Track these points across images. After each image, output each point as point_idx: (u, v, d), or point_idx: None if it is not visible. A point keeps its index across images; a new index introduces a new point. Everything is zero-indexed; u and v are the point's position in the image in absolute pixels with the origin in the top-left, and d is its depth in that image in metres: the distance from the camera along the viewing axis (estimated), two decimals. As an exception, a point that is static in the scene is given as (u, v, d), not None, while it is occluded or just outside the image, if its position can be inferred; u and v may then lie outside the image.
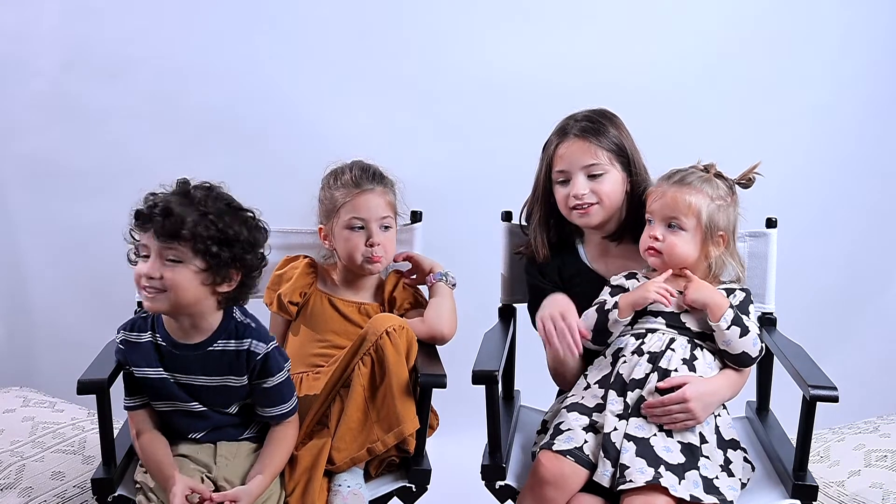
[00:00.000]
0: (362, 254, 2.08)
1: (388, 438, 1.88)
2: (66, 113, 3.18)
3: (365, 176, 2.10)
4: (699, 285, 1.90)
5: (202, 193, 1.79)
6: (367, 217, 2.08)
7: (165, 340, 1.84)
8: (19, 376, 3.06)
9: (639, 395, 1.85)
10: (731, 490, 1.80)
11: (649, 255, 1.95)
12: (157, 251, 1.74)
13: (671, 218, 1.92)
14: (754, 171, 1.99)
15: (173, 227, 1.72)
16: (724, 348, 1.89)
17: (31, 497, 2.17)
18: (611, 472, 1.80)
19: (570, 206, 2.03)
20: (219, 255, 1.75)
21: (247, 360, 1.83)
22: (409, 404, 1.89)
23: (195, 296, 1.77)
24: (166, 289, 1.74)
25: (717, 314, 1.87)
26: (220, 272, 1.77)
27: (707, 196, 1.92)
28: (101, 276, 3.19)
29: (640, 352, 1.89)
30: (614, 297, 1.95)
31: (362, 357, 1.88)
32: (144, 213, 1.75)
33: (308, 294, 2.15)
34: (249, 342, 1.83)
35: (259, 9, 3.17)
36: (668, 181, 1.95)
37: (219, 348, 1.83)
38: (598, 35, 3.20)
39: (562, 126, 2.07)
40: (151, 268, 1.74)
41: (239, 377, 1.84)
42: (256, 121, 3.17)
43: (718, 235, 1.94)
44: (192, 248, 1.73)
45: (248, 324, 1.86)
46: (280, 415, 1.88)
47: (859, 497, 2.20)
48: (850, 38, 3.24)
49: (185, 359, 1.83)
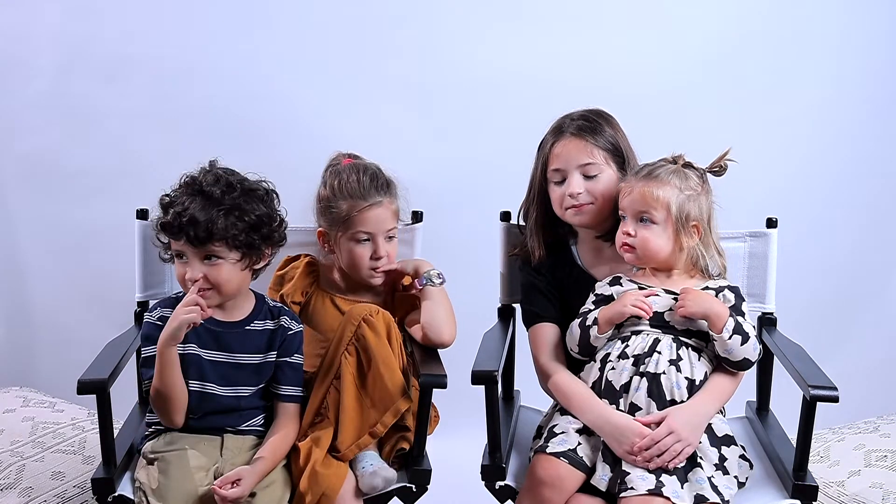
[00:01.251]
0: (368, 267, 2.07)
1: (386, 418, 1.89)
2: (66, 113, 3.18)
3: (374, 186, 2.05)
4: (697, 296, 1.87)
5: (217, 189, 1.85)
6: (375, 231, 2.05)
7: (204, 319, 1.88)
8: (19, 376, 3.06)
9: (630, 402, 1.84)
10: (726, 489, 1.79)
11: (624, 251, 1.94)
12: (194, 255, 1.85)
13: (641, 212, 1.90)
14: (726, 159, 1.96)
15: (205, 234, 1.82)
16: (724, 356, 1.86)
17: (31, 497, 2.17)
18: (609, 477, 1.80)
19: (564, 205, 2.02)
20: (251, 242, 1.87)
21: (280, 335, 1.95)
22: (399, 381, 1.90)
23: (239, 282, 1.90)
24: (214, 286, 1.86)
25: (718, 325, 1.84)
26: (256, 254, 1.90)
27: (675, 187, 1.90)
28: (101, 276, 3.19)
29: (624, 356, 1.88)
30: (594, 313, 1.94)
31: (346, 348, 1.90)
32: (171, 223, 1.83)
33: (310, 293, 2.15)
34: (284, 319, 1.97)
35: (259, 9, 3.17)
36: (636, 176, 1.94)
37: (258, 328, 1.95)
38: (597, 35, 3.20)
39: (558, 125, 2.07)
40: (194, 271, 1.85)
41: (276, 353, 1.95)
42: (256, 120, 3.17)
43: (692, 226, 1.91)
44: (227, 246, 1.84)
45: (280, 307, 2.00)
46: (294, 395, 1.95)
47: (859, 497, 2.20)
48: (850, 38, 3.24)
49: (226, 336, 1.92)
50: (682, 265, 1.95)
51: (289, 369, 1.95)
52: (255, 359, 1.93)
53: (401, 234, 2.22)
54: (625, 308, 1.88)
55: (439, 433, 2.11)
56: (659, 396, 1.83)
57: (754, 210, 2.15)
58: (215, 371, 1.90)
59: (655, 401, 1.83)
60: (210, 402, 1.90)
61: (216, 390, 1.90)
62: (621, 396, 1.86)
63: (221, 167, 1.93)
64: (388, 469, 1.91)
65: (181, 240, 1.83)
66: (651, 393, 1.83)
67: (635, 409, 1.84)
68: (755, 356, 1.88)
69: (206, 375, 1.90)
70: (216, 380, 1.90)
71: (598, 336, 1.92)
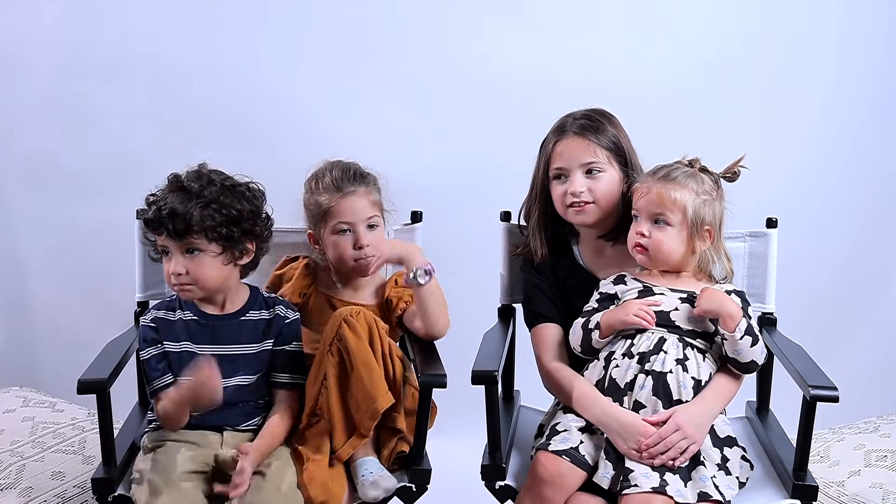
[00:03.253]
0: (352, 257, 2.07)
1: (367, 422, 1.89)
2: (66, 113, 3.18)
3: (346, 177, 2.08)
4: (712, 294, 1.87)
5: (197, 184, 1.90)
6: (353, 220, 2.06)
7: (198, 315, 1.97)
8: (19, 376, 3.06)
9: (634, 400, 1.85)
10: (728, 489, 1.80)
11: (637, 252, 1.94)
12: (176, 248, 1.89)
13: (657, 214, 1.91)
14: (739, 165, 1.97)
15: (183, 226, 1.86)
16: (732, 356, 1.87)
17: (31, 497, 2.17)
18: (611, 475, 1.80)
19: (566, 203, 2.02)
20: (231, 235, 1.90)
21: (276, 324, 1.99)
22: (378, 382, 1.88)
23: (222, 276, 1.93)
24: (195, 280, 1.89)
25: (731, 325, 1.84)
26: (237, 248, 1.93)
27: (692, 191, 1.90)
28: (101, 276, 3.19)
29: (630, 354, 1.88)
30: (596, 317, 1.94)
31: (330, 348, 1.90)
32: (152, 219, 1.89)
33: (308, 294, 2.15)
34: (279, 308, 2.01)
35: (259, 8, 3.17)
36: (653, 177, 1.94)
37: (253, 318, 1.99)
38: (597, 35, 3.20)
39: (560, 124, 2.07)
40: (176, 265, 1.89)
41: (272, 341, 1.99)
42: (256, 121, 3.17)
43: (705, 230, 1.92)
44: (206, 238, 1.87)
45: (275, 297, 2.05)
46: (293, 383, 1.98)
47: (859, 497, 2.20)
48: (850, 38, 3.24)
49: (221, 329, 1.96)
50: (691, 268, 1.96)
51: (286, 357, 1.98)
52: (251, 348, 1.97)
53: (400, 235, 2.23)
54: (627, 318, 1.88)
55: (439, 433, 2.11)
56: (665, 395, 1.83)
57: (754, 210, 2.15)
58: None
59: (661, 399, 1.83)
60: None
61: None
62: (625, 394, 1.86)
63: (209, 168, 1.97)
64: (388, 478, 1.91)
65: (162, 233, 1.88)
66: (657, 391, 1.84)
67: (639, 407, 1.84)
68: (762, 360, 1.88)
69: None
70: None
71: (600, 340, 1.93)
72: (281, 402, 1.98)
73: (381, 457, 1.96)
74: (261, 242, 1.99)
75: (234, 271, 1.96)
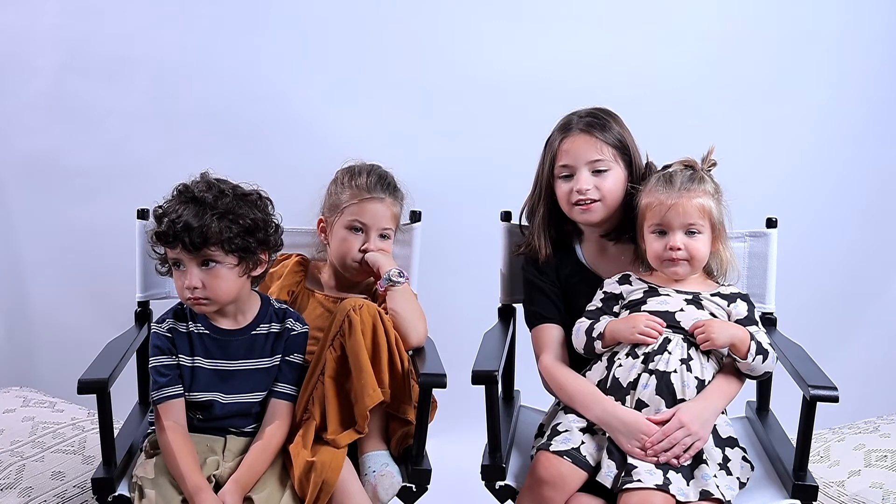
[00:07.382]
0: (353, 258, 2.08)
1: (360, 419, 1.88)
2: (66, 113, 3.18)
3: (381, 184, 2.10)
4: (718, 326, 1.87)
5: (210, 195, 1.84)
6: (369, 224, 2.08)
7: (209, 329, 1.92)
8: (19, 376, 3.06)
9: (637, 399, 1.85)
10: (728, 489, 1.80)
11: (674, 264, 1.93)
12: (191, 262, 1.84)
13: (689, 225, 1.91)
14: (711, 156, 1.98)
15: (200, 239, 1.80)
16: (746, 373, 1.90)
17: (31, 497, 2.17)
18: (615, 474, 1.80)
19: (572, 201, 2.02)
20: (247, 246, 1.86)
21: (285, 337, 1.96)
22: (368, 379, 1.86)
23: (237, 288, 1.89)
24: (211, 294, 1.85)
25: (742, 351, 1.86)
26: (252, 259, 1.89)
27: (709, 194, 1.93)
28: (101, 276, 3.19)
29: (634, 354, 1.89)
30: (601, 324, 1.94)
31: (332, 343, 1.90)
32: (166, 232, 1.83)
33: (296, 293, 2.15)
34: (289, 322, 1.97)
35: (259, 9, 3.17)
36: (664, 189, 1.93)
37: (263, 332, 1.95)
38: (597, 35, 3.20)
39: (565, 122, 2.07)
40: (192, 279, 1.84)
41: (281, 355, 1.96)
42: (256, 121, 3.17)
43: (719, 230, 1.96)
44: (222, 250, 1.83)
45: (286, 308, 2.01)
46: (286, 393, 1.94)
47: (859, 497, 2.20)
48: (850, 38, 3.24)
49: (233, 344, 1.92)
50: (705, 269, 1.99)
51: (286, 367, 1.96)
52: (262, 363, 1.94)
53: (400, 234, 2.23)
54: (633, 336, 1.88)
55: (440, 433, 2.11)
56: (669, 394, 1.84)
57: (754, 210, 2.15)
58: (223, 381, 1.91)
59: (664, 398, 1.84)
60: (219, 409, 1.91)
61: (225, 399, 1.91)
62: (628, 393, 1.86)
63: (214, 177, 1.92)
64: (392, 475, 1.90)
65: (177, 247, 1.82)
66: (660, 391, 1.84)
67: (642, 406, 1.85)
68: (774, 366, 1.92)
69: (215, 385, 1.91)
70: (225, 389, 1.91)
71: (602, 349, 1.94)
72: (273, 413, 1.93)
73: (389, 442, 1.96)
74: (273, 252, 1.96)
75: (246, 282, 1.92)
